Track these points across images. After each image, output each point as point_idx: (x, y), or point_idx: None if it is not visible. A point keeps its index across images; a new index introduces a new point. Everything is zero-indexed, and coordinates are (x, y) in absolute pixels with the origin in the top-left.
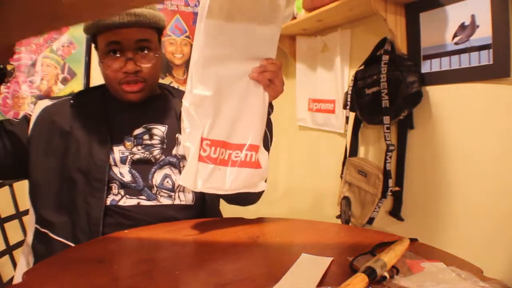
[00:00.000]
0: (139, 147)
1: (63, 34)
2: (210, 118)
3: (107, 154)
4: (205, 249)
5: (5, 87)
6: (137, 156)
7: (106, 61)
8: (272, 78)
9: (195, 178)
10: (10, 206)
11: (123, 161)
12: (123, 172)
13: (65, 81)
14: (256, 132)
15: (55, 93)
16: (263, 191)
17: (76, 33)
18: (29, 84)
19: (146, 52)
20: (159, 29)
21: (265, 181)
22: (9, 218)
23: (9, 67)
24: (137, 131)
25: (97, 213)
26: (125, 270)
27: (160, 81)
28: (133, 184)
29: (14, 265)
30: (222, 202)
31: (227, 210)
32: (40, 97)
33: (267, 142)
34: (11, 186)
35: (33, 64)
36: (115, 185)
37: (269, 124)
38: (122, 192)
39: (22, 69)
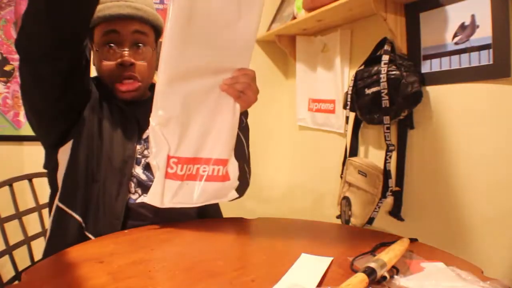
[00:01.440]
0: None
1: None
2: (177, 137)
3: (134, 150)
4: (205, 249)
5: (5, 87)
6: (148, 159)
7: (102, 51)
8: (244, 89)
9: (162, 195)
10: (10, 206)
11: (138, 163)
12: (138, 172)
13: None
14: (224, 146)
15: None
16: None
17: None
18: None
19: (142, 47)
20: (156, 30)
21: (237, 189)
22: (9, 218)
23: (9, 67)
24: (146, 134)
25: (119, 208)
26: (125, 270)
27: None
28: (150, 183)
29: (14, 265)
30: (222, 202)
31: (228, 210)
32: None
33: (242, 150)
34: (11, 186)
35: None
36: (133, 183)
37: (244, 131)
38: (139, 190)
39: None
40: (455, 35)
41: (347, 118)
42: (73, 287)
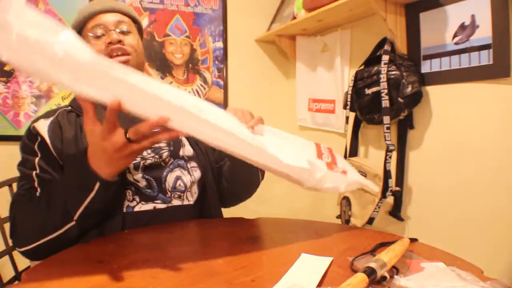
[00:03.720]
0: (149, 151)
1: None
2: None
3: None
4: (205, 249)
5: (5, 87)
6: (148, 161)
7: (91, 41)
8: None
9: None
10: None
11: (136, 167)
12: (137, 178)
13: None
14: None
15: (55, 93)
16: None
17: None
18: (29, 84)
19: (127, 33)
20: (136, 22)
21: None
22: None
23: (9, 67)
24: None
25: (117, 220)
26: (125, 270)
27: (160, 81)
28: (149, 190)
29: (14, 265)
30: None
31: (227, 210)
32: (39, 97)
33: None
34: (10, 186)
35: None
36: (130, 191)
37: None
38: (137, 198)
39: None
40: (455, 35)
41: (347, 118)
42: (73, 287)
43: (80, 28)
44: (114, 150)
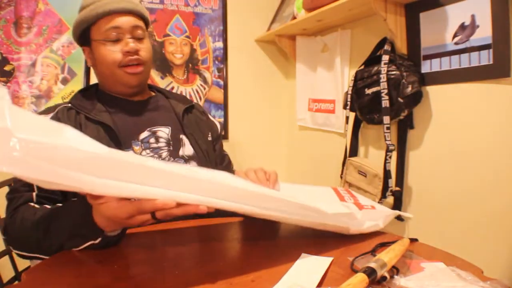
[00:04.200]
0: (148, 151)
1: (63, 34)
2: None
3: None
4: (205, 249)
5: (5, 87)
6: None
7: (105, 45)
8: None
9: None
10: None
11: None
12: None
13: (65, 81)
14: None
15: (55, 93)
16: None
17: None
18: (29, 84)
19: (142, 39)
20: (146, 22)
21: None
22: None
23: (9, 67)
24: (143, 135)
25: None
26: (125, 270)
27: (160, 81)
28: None
29: (14, 265)
30: None
31: None
32: (39, 97)
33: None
34: (10, 185)
35: (33, 64)
36: None
37: None
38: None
39: (22, 69)
40: (455, 35)
41: (347, 118)
42: (73, 287)
43: (88, 25)
44: (133, 223)
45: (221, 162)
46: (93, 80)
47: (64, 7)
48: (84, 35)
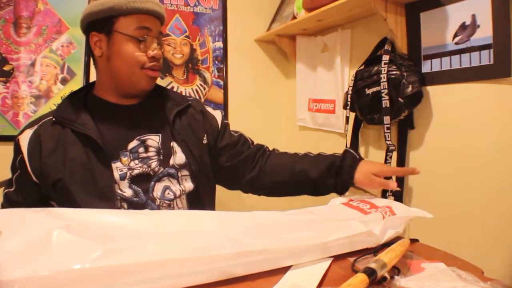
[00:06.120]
0: (136, 161)
1: (62, 34)
2: None
3: (111, 173)
4: None
5: (4, 87)
6: (136, 171)
7: (132, 43)
8: None
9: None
10: None
11: (123, 177)
12: (123, 188)
13: (64, 81)
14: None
15: (54, 93)
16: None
17: (76, 33)
18: (29, 84)
19: (162, 44)
20: None
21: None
22: None
23: (8, 67)
24: (132, 145)
25: None
26: None
27: (160, 81)
28: (136, 199)
29: None
30: (217, 203)
31: (222, 206)
32: (39, 97)
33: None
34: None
35: (33, 64)
36: (117, 201)
37: None
38: (125, 205)
39: (22, 69)
40: (455, 35)
41: (347, 118)
42: None
43: (118, 14)
44: None
45: (235, 145)
46: (93, 80)
47: (63, 7)
48: (105, 21)
